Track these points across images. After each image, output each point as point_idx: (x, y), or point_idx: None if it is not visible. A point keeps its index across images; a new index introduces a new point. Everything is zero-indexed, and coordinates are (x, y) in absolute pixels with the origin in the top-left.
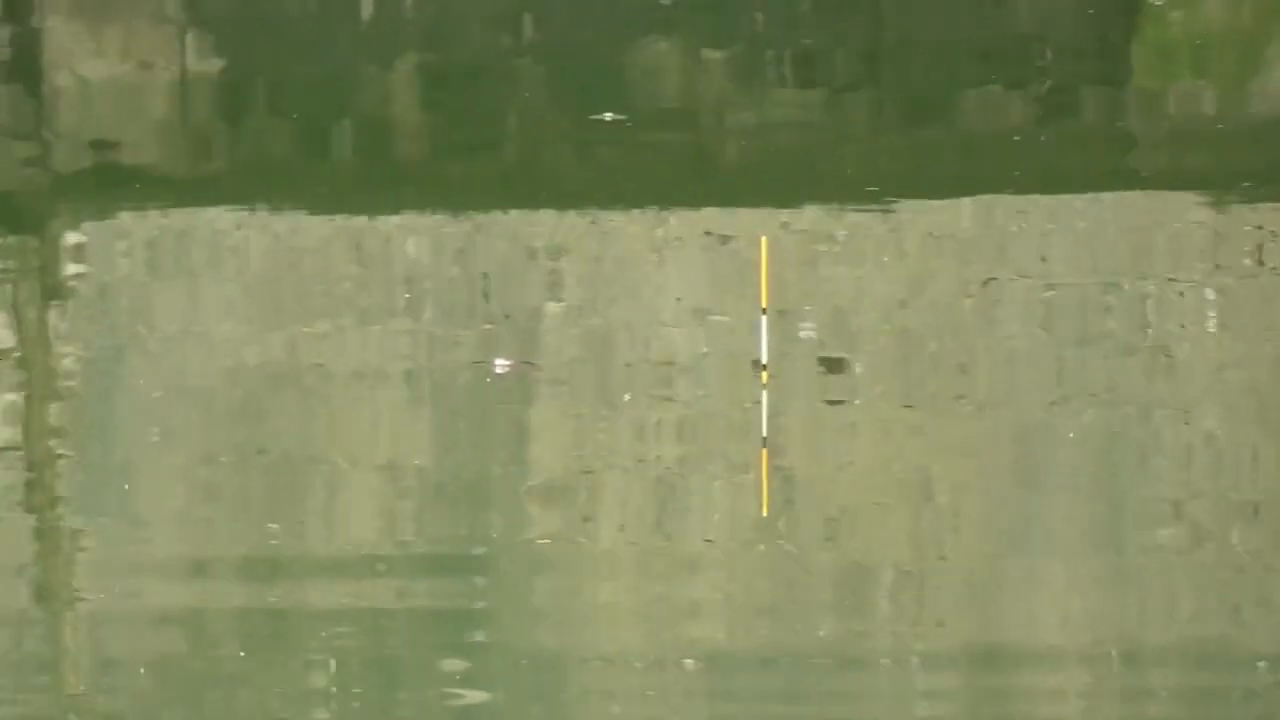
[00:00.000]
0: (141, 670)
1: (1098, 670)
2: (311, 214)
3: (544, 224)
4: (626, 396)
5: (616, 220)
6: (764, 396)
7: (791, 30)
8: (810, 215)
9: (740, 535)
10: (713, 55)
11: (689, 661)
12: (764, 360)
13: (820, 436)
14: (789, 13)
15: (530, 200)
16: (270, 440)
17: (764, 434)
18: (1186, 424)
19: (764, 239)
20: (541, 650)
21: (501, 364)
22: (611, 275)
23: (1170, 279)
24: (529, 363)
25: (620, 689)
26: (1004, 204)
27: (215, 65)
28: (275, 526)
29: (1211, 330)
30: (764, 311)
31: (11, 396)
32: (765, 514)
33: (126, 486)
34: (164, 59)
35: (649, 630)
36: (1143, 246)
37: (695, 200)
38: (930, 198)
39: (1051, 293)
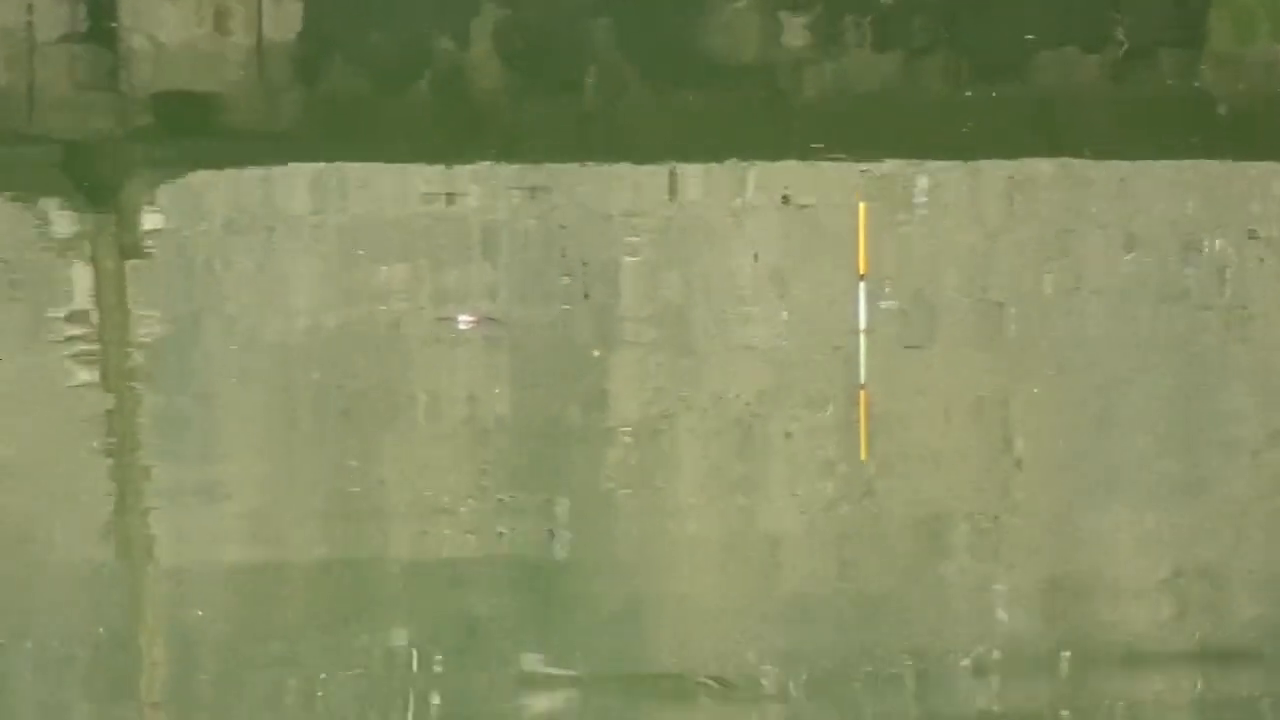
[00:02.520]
0: (218, 621)
1: (1176, 601)
2: (388, 164)
3: (622, 177)
4: (707, 345)
5: (694, 175)
6: (861, 342)
7: None
8: (888, 168)
9: (825, 488)
10: (791, 19)
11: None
12: (863, 324)
13: (902, 386)
14: None
15: (607, 154)
16: (349, 389)
17: (862, 379)
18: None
19: (862, 205)
20: (622, 597)
21: (465, 320)
22: (689, 230)
23: (1251, 236)
24: (492, 319)
25: (700, 630)
26: (1081, 166)
27: (293, 17)
28: (355, 475)
29: None
30: (861, 277)
31: (88, 346)
32: (864, 459)
33: (205, 439)
34: (242, 12)
35: (731, 571)
36: (1220, 206)
37: (774, 157)
38: (1008, 157)
39: (1131, 255)
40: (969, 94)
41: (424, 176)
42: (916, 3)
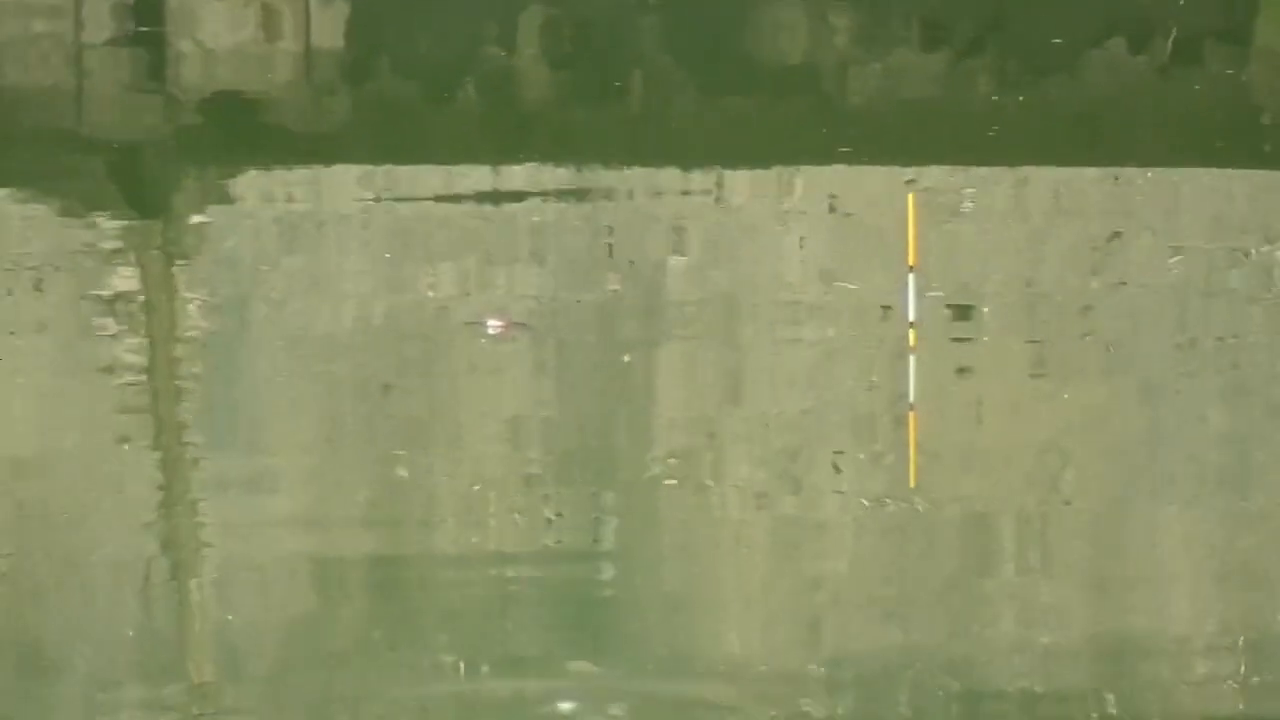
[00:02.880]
0: (264, 616)
1: (1224, 612)
2: (436, 165)
3: (669, 180)
4: (752, 343)
5: (741, 179)
6: (911, 362)
7: None
8: (935, 174)
9: (870, 490)
10: (838, 20)
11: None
12: (911, 317)
13: (949, 389)
14: None
15: (655, 157)
16: (395, 386)
17: (911, 399)
18: None
19: (911, 196)
20: (668, 602)
21: (494, 324)
22: (736, 232)
23: None
24: (522, 324)
25: (745, 630)
26: (1129, 174)
27: (341, 17)
28: (402, 473)
29: None
30: (911, 269)
31: (138, 340)
32: (913, 484)
33: (252, 433)
34: (290, 13)
35: (777, 568)
36: (1269, 213)
37: (821, 160)
38: (1055, 163)
39: (1178, 257)
40: (1016, 98)
41: (471, 177)
42: (962, 6)
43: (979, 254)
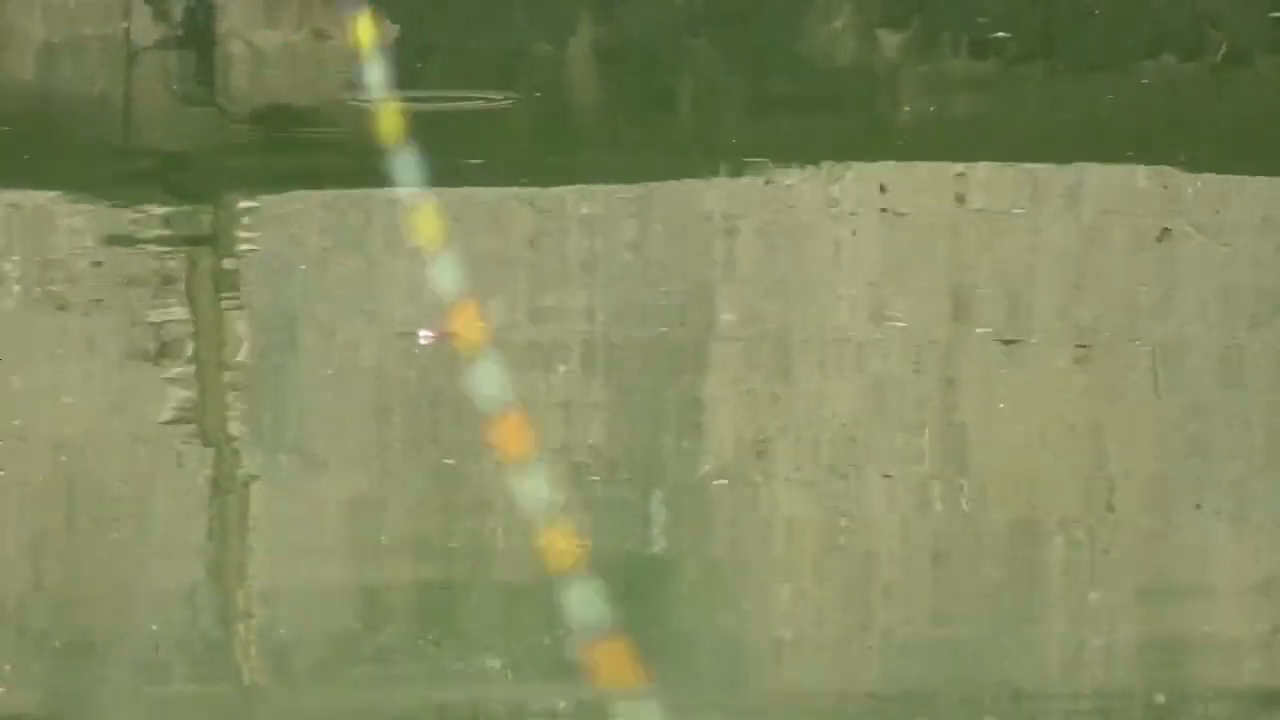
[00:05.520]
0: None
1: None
2: (484, 185)
3: (718, 189)
4: (804, 365)
5: (792, 180)
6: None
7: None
8: (983, 173)
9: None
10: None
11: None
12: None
13: (995, 391)
14: None
15: (703, 169)
16: (444, 402)
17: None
18: None
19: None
20: (718, 629)
21: (425, 335)
22: (786, 239)
23: None
24: (451, 333)
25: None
26: (1178, 176)
27: (389, 35)
28: (450, 483)
29: None
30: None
31: (185, 368)
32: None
33: (303, 452)
34: (338, 28)
35: (829, 583)
36: None
37: (871, 158)
38: (1104, 161)
39: (1227, 247)
40: (1067, 104)
41: (520, 194)
42: (1013, 17)
43: (1027, 260)
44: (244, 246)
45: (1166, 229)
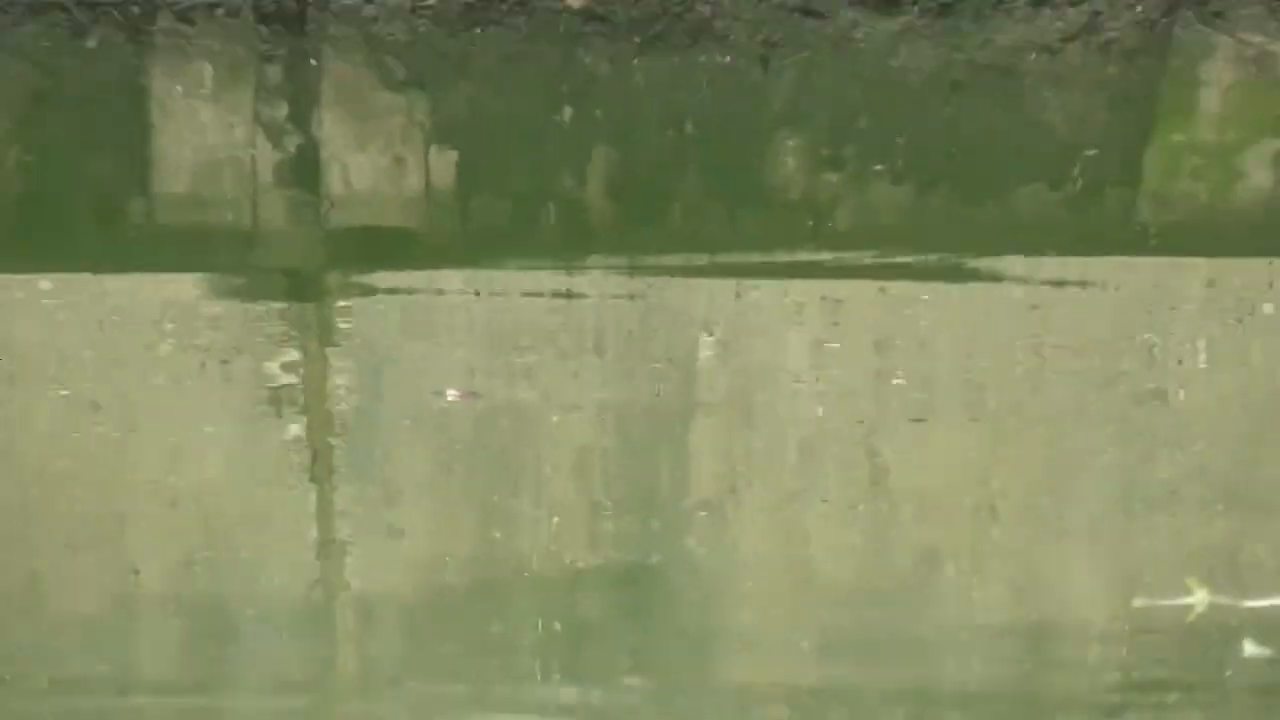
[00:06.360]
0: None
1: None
2: (520, 270)
3: (700, 289)
4: (766, 415)
5: (756, 287)
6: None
7: (885, 130)
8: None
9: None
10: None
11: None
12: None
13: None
14: (886, 119)
15: (687, 269)
16: (494, 450)
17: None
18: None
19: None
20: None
21: (452, 394)
22: (752, 331)
23: (1170, 334)
24: (474, 394)
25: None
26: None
27: (450, 157)
28: (497, 515)
29: (1203, 367)
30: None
31: (298, 431)
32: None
33: (388, 489)
34: (414, 159)
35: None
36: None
37: (812, 271)
38: (985, 255)
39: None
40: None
41: (551, 280)
42: (928, 147)
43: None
44: (343, 328)
45: (1034, 305)
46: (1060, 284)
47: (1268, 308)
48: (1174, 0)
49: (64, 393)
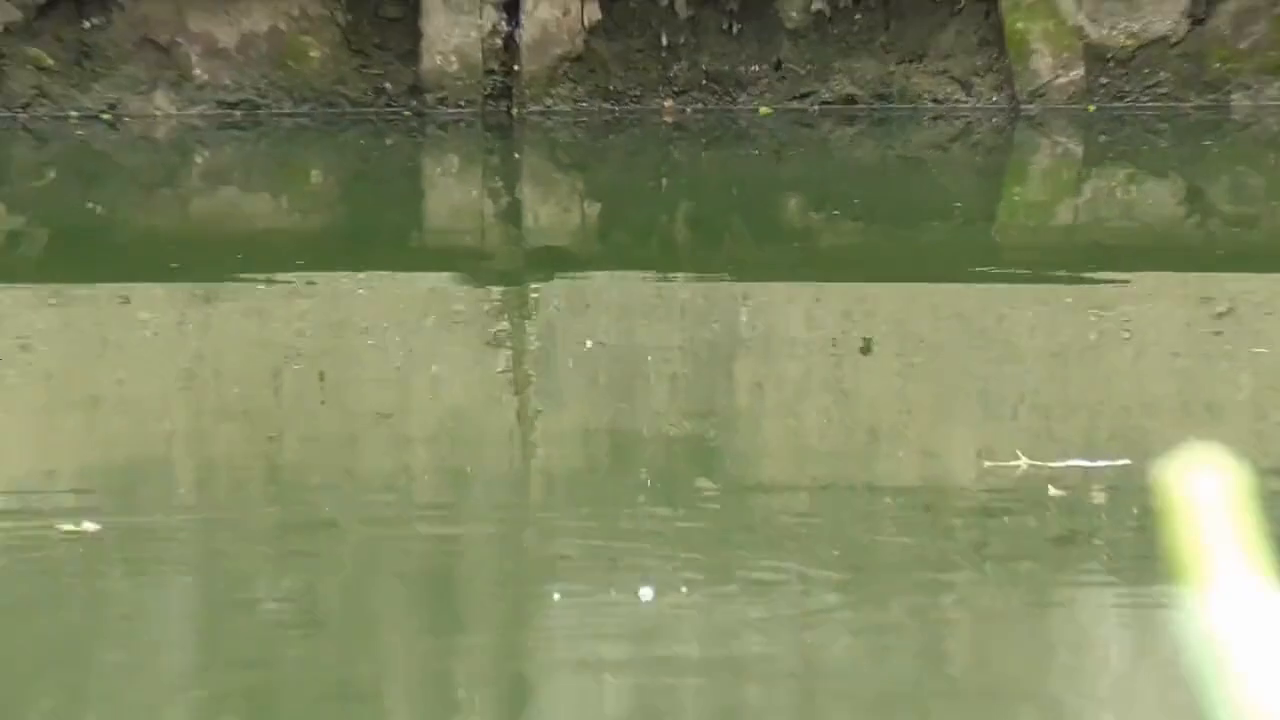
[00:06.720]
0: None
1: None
2: (636, 271)
3: (738, 283)
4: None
5: (771, 282)
6: None
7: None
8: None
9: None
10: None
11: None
12: None
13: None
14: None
15: (731, 271)
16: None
17: None
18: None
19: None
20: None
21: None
22: (769, 308)
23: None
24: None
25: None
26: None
27: (596, 208)
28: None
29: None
30: None
31: (507, 364)
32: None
33: (582, 451)
34: (574, 205)
35: None
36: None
37: (804, 274)
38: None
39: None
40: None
41: (654, 277)
42: (872, 202)
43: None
44: (532, 302)
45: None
46: (952, 282)
47: (1069, 299)
48: (1014, 115)
49: (370, 343)
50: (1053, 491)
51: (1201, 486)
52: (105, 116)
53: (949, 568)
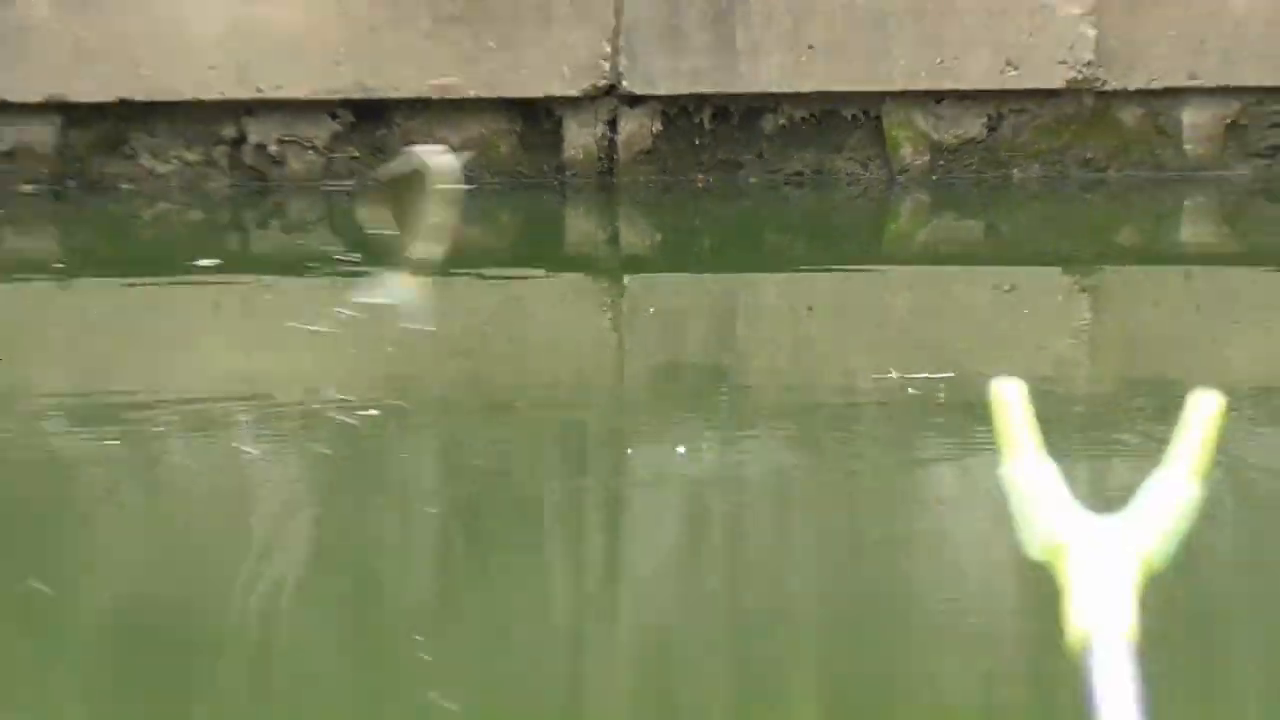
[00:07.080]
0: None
1: None
2: (682, 272)
3: (746, 278)
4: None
5: (772, 275)
6: None
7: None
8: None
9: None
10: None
11: None
12: None
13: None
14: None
15: (740, 270)
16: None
17: None
18: None
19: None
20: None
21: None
22: (773, 293)
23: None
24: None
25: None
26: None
27: (659, 237)
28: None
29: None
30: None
31: (610, 323)
32: None
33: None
34: (650, 233)
35: None
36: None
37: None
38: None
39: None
40: None
41: (691, 275)
42: (825, 231)
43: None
44: (625, 287)
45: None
46: (861, 271)
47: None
48: (891, 183)
49: (539, 308)
50: (911, 391)
51: (1001, 388)
52: None
53: (852, 436)
